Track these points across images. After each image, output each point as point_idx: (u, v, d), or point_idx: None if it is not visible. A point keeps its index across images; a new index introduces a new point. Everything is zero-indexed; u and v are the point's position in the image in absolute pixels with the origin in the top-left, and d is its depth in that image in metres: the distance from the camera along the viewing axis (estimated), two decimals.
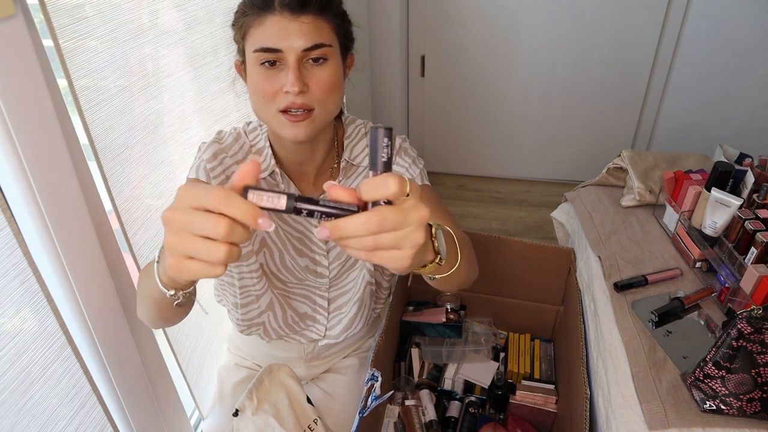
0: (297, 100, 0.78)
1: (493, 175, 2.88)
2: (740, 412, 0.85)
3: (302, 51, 0.76)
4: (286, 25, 0.76)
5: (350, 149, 0.96)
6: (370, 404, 0.92)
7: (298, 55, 0.76)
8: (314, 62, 0.78)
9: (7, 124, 0.64)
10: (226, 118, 1.18)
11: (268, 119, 0.83)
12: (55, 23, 0.70)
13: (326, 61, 0.79)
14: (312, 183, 0.96)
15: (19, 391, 0.71)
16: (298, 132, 0.81)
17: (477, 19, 2.45)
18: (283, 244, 0.99)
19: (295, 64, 0.76)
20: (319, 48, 0.77)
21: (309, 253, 1.00)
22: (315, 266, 1.02)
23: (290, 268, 1.02)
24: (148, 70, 0.93)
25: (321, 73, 0.79)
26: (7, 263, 0.67)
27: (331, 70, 0.80)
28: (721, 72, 2.37)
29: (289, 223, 0.98)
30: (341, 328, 1.09)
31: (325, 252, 1.01)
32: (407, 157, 0.97)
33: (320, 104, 0.80)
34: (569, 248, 1.34)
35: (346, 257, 1.03)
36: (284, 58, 0.77)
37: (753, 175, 1.19)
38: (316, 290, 1.06)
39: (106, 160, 0.83)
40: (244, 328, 1.06)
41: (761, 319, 0.80)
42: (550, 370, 1.33)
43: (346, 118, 0.99)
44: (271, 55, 0.77)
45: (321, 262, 1.02)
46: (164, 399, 1.04)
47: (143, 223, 0.94)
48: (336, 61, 0.81)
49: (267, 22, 0.76)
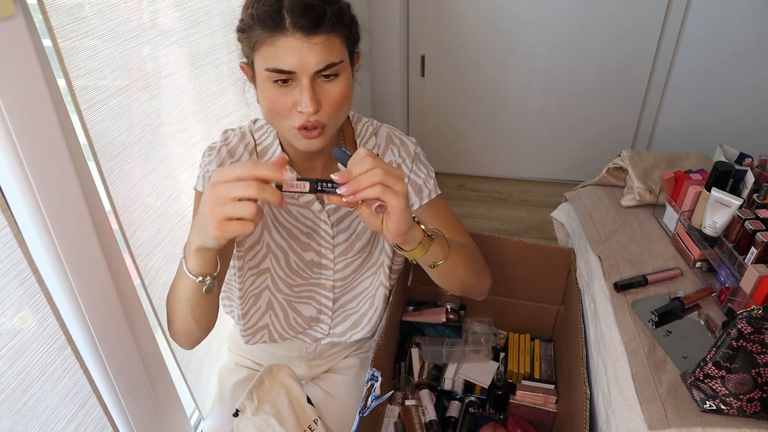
0: (311, 118, 0.79)
1: (493, 175, 2.88)
2: (740, 412, 0.85)
3: (314, 72, 0.77)
4: (298, 47, 0.75)
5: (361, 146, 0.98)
6: (370, 404, 0.92)
7: (311, 75, 0.77)
8: (326, 78, 0.79)
9: (7, 124, 0.64)
10: (226, 118, 1.18)
11: (282, 131, 0.84)
12: (54, 23, 0.70)
13: (337, 76, 0.80)
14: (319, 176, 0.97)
15: (18, 391, 0.71)
16: (312, 144, 0.83)
17: (477, 19, 2.45)
18: (289, 246, 1.00)
19: (308, 85, 0.77)
20: (331, 67, 0.78)
21: (315, 246, 1.02)
22: (320, 258, 1.03)
23: (296, 269, 1.03)
24: (147, 70, 0.93)
25: (333, 89, 0.80)
26: (7, 263, 0.67)
27: (342, 84, 0.81)
28: (721, 72, 2.37)
29: (300, 220, 0.99)
30: (347, 326, 1.10)
31: (332, 246, 1.02)
32: (423, 167, 1.00)
33: (332, 118, 0.82)
34: (569, 248, 1.34)
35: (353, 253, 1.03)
36: (297, 77, 0.77)
37: (753, 175, 1.19)
38: (321, 289, 1.06)
39: (104, 160, 0.83)
40: (250, 337, 1.07)
41: (761, 319, 0.80)
42: (550, 370, 1.33)
43: (352, 117, 1.00)
44: (284, 75, 0.77)
45: (326, 255, 1.03)
46: (164, 399, 1.04)
47: (142, 223, 0.94)
48: (347, 73, 0.82)
49: (279, 42, 0.75)
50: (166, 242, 1.02)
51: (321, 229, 1.00)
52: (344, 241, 1.02)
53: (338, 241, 1.02)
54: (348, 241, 1.02)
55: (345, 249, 1.03)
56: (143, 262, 0.95)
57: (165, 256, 1.02)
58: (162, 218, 1.00)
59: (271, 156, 0.94)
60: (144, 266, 0.95)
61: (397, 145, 1.00)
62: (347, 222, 1.01)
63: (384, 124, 1.02)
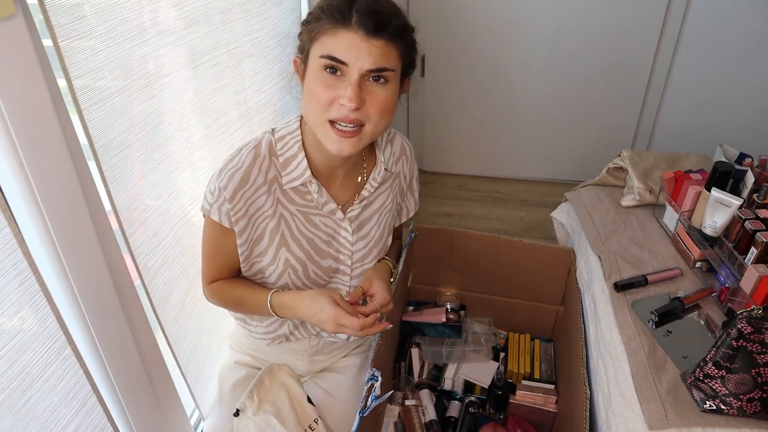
0: (351, 114, 0.80)
1: (493, 175, 2.88)
2: (740, 412, 0.85)
3: (366, 71, 0.79)
4: (358, 43, 0.78)
5: (383, 156, 1.02)
6: (370, 404, 0.92)
7: (362, 73, 0.79)
8: (375, 80, 0.81)
9: (7, 124, 0.64)
10: (225, 116, 1.18)
11: (316, 126, 0.85)
12: (54, 22, 0.70)
13: (387, 82, 0.82)
14: (340, 183, 0.99)
15: (18, 391, 0.71)
16: (343, 147, 0.84)
17: (477, 19, 2.45)
18: (308, 256, 1.01)
19: (356, 81, 0.79)
20: (383, 71, 0.80)
21: (334, 253, 1.03)
22: (338, 264, 1.05)
23: (314, 278, 1.04)
24: (146, 69, 0.92)
25: (379, 92, 0.82)
26: (7, 263, 0.67)
27: (388, 92, 0.83)
28: (721, 72, 2.37)
29: (321, 228, 1.00)
30: None
31: (350, 253, 1.04)
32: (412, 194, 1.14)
33: (372, 122, 0.83)
34: (569, 248, 1.34)
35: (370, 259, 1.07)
36: (347, 72, 0.80)
37: (753, 175, 1.19)
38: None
39: (104, 159, 0.83)
40: (269, 341, 1.11)
41: (761, 319, 0.80)
42: (550, 370, 1.33)
43: None
44: (336, 64, 0.79)
45: (344, 261, 1.05)
46: (164, 399, 1.03)
47: (142, 222, 0.94)
48: (394, 85, 0.84)
49: (340, 34, 0.78)
50: (166, 242, 1.02)
51: (341, 236, 1.02)
52: (363, 248, 1.04)
53: (357, 248, 1.04)
54: (366, 247, 1.05)
55: (363, 255, 1.05)
56: (143, 262, 0.95)
57: (165, 255, 1.02)
58: (162, 217, 1.00)
59: (295, 168, 0.93)
60: (144, 266, 0.95)
61: (408, 159, 1.08)
62: (366, 229, 1.03)
63: (397, 132, 1.07)
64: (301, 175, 0.93)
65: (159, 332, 1.02)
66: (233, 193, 0.89)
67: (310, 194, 0.96)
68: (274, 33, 1.34)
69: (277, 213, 0.96)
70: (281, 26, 1.37)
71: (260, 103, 1.33)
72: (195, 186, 1.10)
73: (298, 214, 0.97)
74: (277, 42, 1.36)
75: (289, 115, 1.48)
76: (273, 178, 0.94)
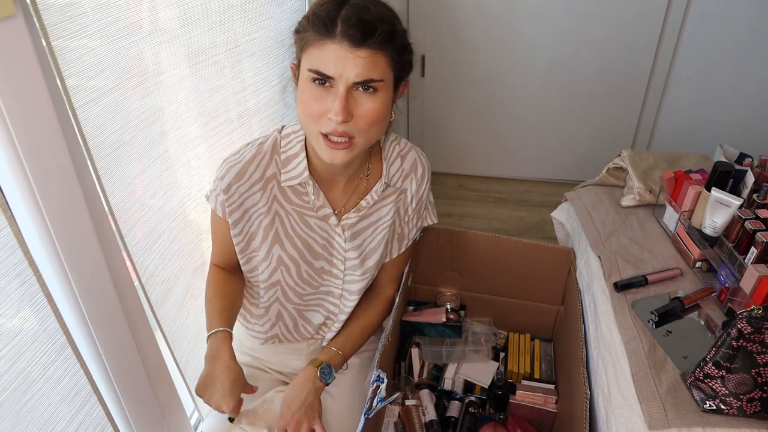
0: (339, 128, 0.80)
1: (493, 175, 2.88)
2: (740, 412, 0.85)
3: (352, 83, 0.79)
4: (343, 55, 0.77)
5: (387, 169, 1.00)
6: (375, 405, 0.92)
7: (348, 85, 0.79)
8: (364, 90, 0.80)
9: (7, 124, 0.64)
10: (223, 115, 1.18)
11: (310, 135, 0.86)
12: (46, 21, 0.70)
13: (375, 92, 0.81)
14: (342, 190, 0.99)
15: (19, 392, 0.71)
16: (335, 157, 0.84)
17: (477, 19, 2.45)
18: (301, 256, 1.01)
19: (343, 93, 0.79)
20: (370, 83, 0.79)
21: (328, 256, 1.03)
22: (330, 267, 1.05)
23: (306, 278, 1.04)
24: (142, 68, 0.92)
25: (367, 103, 0.81)
26: (7, 263, 0.67)
27: (378, 102, 0.82)
28: (722, 72, 2.37)
29: (316, 231, 1.00)
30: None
31: (344, 259, 1.04)
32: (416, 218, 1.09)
33: (361, 134, 0.83)
34: (569, 248, 1.34)
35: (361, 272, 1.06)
36: (335, 84, 0.79)
37: (753, 175, 1.19)
38: (329, 296, 1.09)
39: (99, 158, 0.82)
40: (264, 340, 1.11)
41: (761, 319, 0.80)
42: (550, 370, 1.33)
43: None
44: (323, 77, 0.79)
45: (337, 265, 1.05)
46: (164, 399, 1.03)
47: (137, 221, 0.94)
48: (385, 93, 0.83)
49: (326, 47, 0.78)
50: (162, 240, 1.02)
51: (335, 241, 1.02)
52: (356, 257, 1.04)
53: (350, 255, 1.04)
54: (359, 258, 1.04)
55: (354, 265, 1.05)
56: (140, 261, 0.95)
57: (161, 254, 1.02)
58: (158, 216, 1.00)
59: (295, 167, 0.94)
60: (141, 264, 0.95)
61: (418, 179, 1.03)
62: (360, 239, 1.03)
63: (414, 147, 1.04)
64: (300, 175, 0.94)
65: (159, 332, 1.02)
66: (228, 185, 0.92)
67: (308, 195, 0.96)
68: (275, 34, 1.34)
69: (272, 210, 0.96)
70: (283, 27, 1.37)
71: (260, 104, 1.33)
72: (190, 185, 1.09)
73: (294, 213, 0.98)
74: (278, 43, 1.36)
75: (288, 116, 1.48)
76: (271, 176, 0.95)
